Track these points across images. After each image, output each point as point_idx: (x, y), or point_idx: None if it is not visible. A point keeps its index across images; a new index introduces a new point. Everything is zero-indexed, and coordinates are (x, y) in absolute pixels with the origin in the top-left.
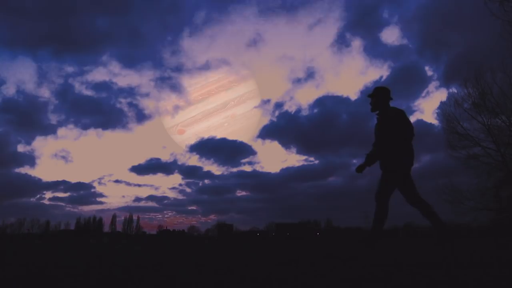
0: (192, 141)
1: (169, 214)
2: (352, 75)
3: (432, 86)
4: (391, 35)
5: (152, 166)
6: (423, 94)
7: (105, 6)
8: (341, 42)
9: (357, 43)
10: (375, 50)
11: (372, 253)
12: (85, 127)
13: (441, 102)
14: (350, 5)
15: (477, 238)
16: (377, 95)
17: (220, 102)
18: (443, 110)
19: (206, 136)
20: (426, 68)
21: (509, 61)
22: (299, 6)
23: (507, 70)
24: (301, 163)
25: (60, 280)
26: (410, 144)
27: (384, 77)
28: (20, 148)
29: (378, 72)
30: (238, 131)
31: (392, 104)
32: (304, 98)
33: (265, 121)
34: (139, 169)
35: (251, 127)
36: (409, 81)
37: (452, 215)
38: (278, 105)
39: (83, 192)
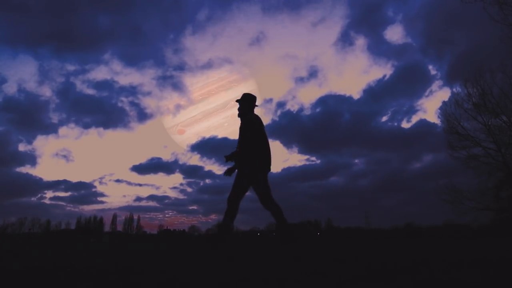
0: (193, 140)
1: (170, 213)
2: (355, 74)
3: (435, 85)
4: (395, 34)
5: (153, 166)
6: (426, 93)
7: (106, 4)
8: (345, 40)
9: (361, 41)
10: (379, 49)
11: (370, 253)
12: (86, 126)
13: (443, 102)
14: (354, 2)
15: (477, 238)
16: (244, 100)
17: (220, 102)
18: (444, 110)
19: (207, 135)
20: (430, 67)
21: (509, 61)
22: (302, 4)
23: (507, 70)
24: (302, 163)
25: (59, 280)
26: (267, 150)
27: (387, 76)
28: (21, 147)
29: (381, 71)
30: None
31: (396, 103)
32: (306, 97)
33: (267, 120)
34: (140, 169)
35: None
36: (412, 80)
37: (452, 215)
38: (280, 104)
39: (84, 191)
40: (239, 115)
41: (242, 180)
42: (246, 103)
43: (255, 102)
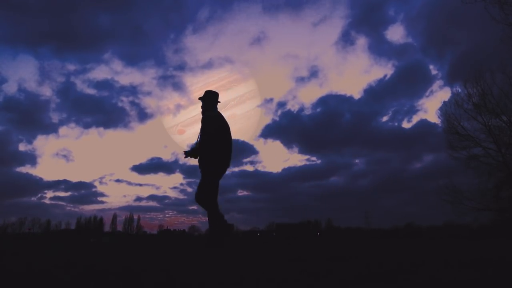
0: (194, 140)
1: (170, 213)
2: (356, 74)
3: (436, 85)
4: (396, 33)
5: (153, 166)
6: (427, 93)
7: (107, 3)
8: (346, 40)
9: (361, 41)
10: (380, 49)
11: (370, 253)
12: (87, 126)
13: (443, 102)
14: (355, 2)
15: (478, 239)
16: (206, 97)
17: (220, 102)
18: (444, 111)
19: None
20: (431, 67)
21: (509, 61)
22: (303, 4)
23: (506, 71)
24: (303, 163)
25: (60, 280)
26: (228, 148)
27: (388, 76)
28: (22, 147)
29: (382, 70)
30: (239, 131)
31: (396, 103)
32: (307, 97)
33: (268, 120)
34: (140, 169)
35: (253, 126)
36: (413, 80)
37: (452, 215)
38: (281, 104)
39: (84, 191)
40: (202, 112)
41: (209, 178)
42: (208, 100)
43: (218, 99)
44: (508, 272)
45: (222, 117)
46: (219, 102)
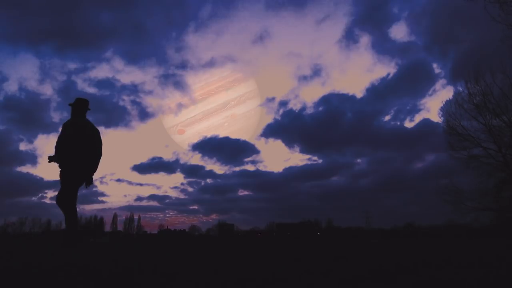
0: (195, 139)
1: (171, 213)
2: (358, 72)
3: (439, 84)
4: (399, 31)
5: (154, 165)
6: (429, 92)
7: (108, 1)
8: (349, 38)
9: (365, 39)
10: (383, 47)
11: (370, 253)
12: None
13: (445, 102)
14: None
15: (478, 238)
16: (76, 105)
17: (220, 102)
18: (445, 110)
19: (208, 134)
20: (434, 65)
21: (509, 62)
22: (307, 1)
23: (507, 71)
24: (304, 162)
25: (60, 280)
26: (94, 155)
27: (391, 75)
28: (22, 146)
29: (385, 69)
30: (241, 130)
31: (399, 102)
32: (309, 96)
33: (269, 119)
34: (141, 168)
35: (255, 125)
36: (416, 78)
37: (453, 215)
38: (283, 103)
39: (84, 191)
40: (72, 118)
41: (70, 182)
42: (78, 107)
43: (87, 106)
44: (508, 272)
45: (90, 125)
46: (89, 109)
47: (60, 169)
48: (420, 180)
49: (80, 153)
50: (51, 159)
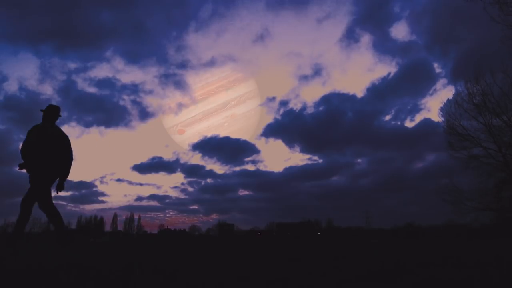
0: (195, 139)
1: (171, 213)
2: (359, 72)
3: (440, 83)
4: (400, 31)
5: (154, 165)
6: (430, 92)
7: (108, 0)
8: (350, 37)
9: (366, 38)
10: (384, 46)
11: (370, 253)
12: (88, 125)
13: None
14: None
15: (478, 239)
16: (47, 111)
17: (220, 102)
18: (445, 110)
19: (209, 134)
20: (435, 65)
21: (509, 62)
22: (307, 0)
23: (507, 71)
24: (304, 162)
25: (59, 280)
26: (64, 161)
27: (392, 74)
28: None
29: (386, 69)
30: (241, 130)
31: (399, 101)
32: (309, 95)
33: (270, 119)
34: (141, 168)
35: (255, 125)
36: (416, 78)
37: (453, 215)
38: (283, 103)
39: (84, 191)
40: (44, 124)
41: (39, 185)
42: (49, 114)
43: (58, 113)
44: (508, 272)
45: (59, 132)
46: (60, 116)
47: (29, 174)
48: (420, 180)
49: (47, 158)
50: (21, 166)
